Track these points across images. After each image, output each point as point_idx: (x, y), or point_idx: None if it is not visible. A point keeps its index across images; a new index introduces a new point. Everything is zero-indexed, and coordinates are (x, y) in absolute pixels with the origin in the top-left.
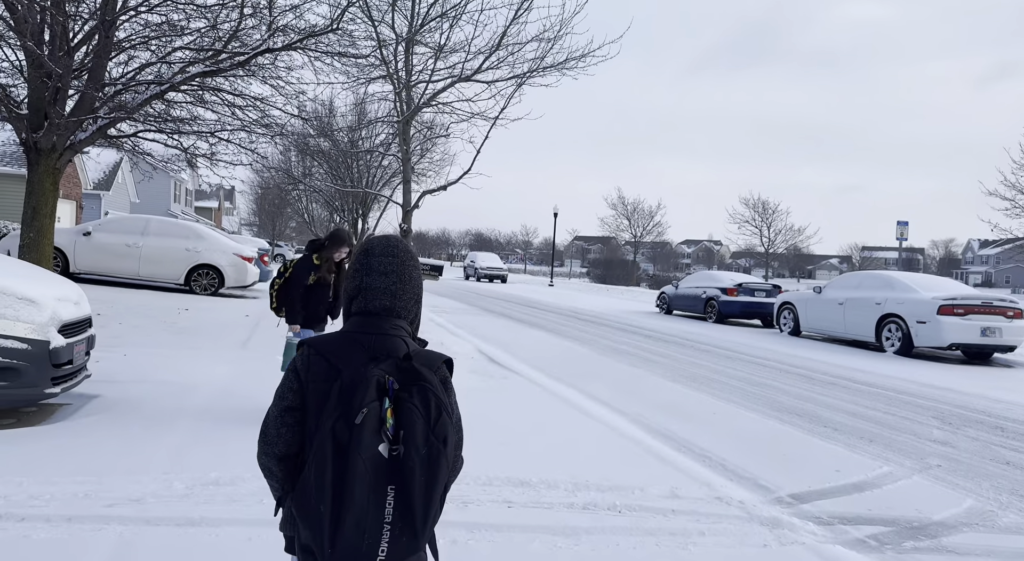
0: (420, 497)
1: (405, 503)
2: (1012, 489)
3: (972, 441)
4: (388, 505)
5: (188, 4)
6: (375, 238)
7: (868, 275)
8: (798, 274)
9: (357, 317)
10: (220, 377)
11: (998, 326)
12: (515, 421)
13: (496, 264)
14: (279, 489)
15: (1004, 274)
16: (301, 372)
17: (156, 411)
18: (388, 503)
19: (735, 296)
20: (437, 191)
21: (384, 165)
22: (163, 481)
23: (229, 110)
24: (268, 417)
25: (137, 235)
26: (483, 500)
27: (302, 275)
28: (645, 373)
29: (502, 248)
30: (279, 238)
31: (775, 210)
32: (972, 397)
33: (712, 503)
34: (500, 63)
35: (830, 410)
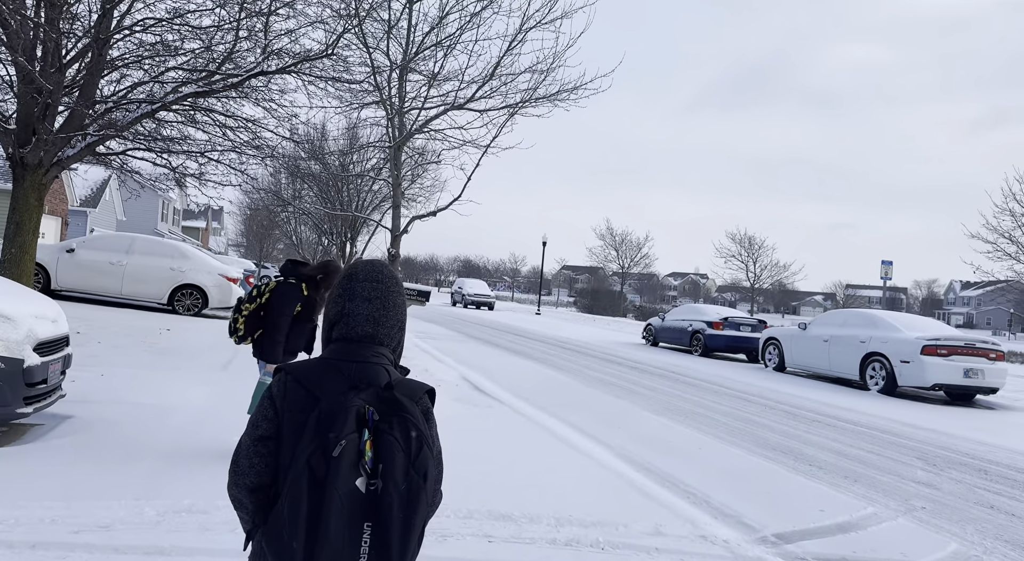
0: (398, 535)
1: (382, 541)
2: (996, 534)
3: (956, 483)
4: (364, 543)
5: (183, 25)
6: (360, 263)
7: (853, 313)
8: (783, 310)
9: (338, 344)
10: (198, 400)
11: (981, 367)
12: (497, 451)
13: (484, 291)
14: (249, 522)
15: (985, 316)
16: (277, 400)
17: (131, 434)
18: (364, 541)
19: (721, 330)
20: (427, 217)
21: (374, 189)
22: (134, 507)
23: (220, 131)
24: (240, 446)
25: (121, 253)
26: (463, 534)
27: (286, 305)
28: (630, 405)
29: (490, 275)
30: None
31: (761, 246)
32: (956, 439)
33: (696, 542)
34: (493, 93)
35: (814, 448)
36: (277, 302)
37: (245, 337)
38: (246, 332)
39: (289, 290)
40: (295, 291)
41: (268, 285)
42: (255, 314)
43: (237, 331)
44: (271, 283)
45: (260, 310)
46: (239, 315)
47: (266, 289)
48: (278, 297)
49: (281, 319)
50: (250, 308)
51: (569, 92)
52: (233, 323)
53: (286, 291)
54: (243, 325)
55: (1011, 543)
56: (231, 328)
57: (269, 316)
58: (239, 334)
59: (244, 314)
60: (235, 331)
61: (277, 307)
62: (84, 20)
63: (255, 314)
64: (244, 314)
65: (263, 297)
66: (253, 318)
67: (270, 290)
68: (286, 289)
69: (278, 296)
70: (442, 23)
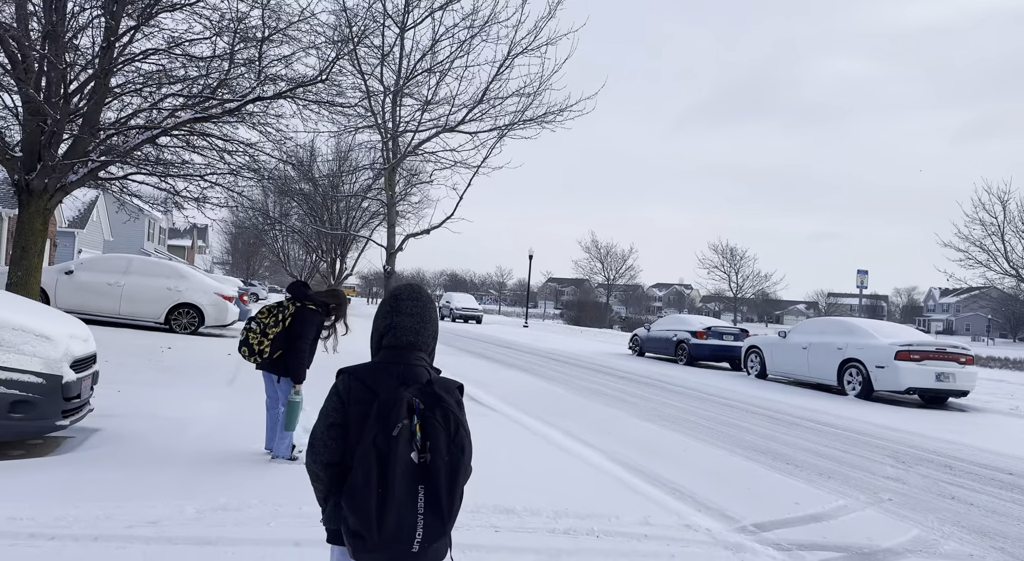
0: (445, 493)
1: (433, 498)
2: (955, 521)
3: (922, 478)
4: (420, 500)
5: (182, 54)
6: (403, 286)
7: (830, 321)
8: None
9: (387, 350)
10: (212, 413)
11: (952, 371)
12: (497, 455)
13: (471, 305)
14: (324, 490)
15: (964, 322)
16: (343, 394)
17: (157, 444)
18: (420, 499)
19: (705, 339)
20: (420, 234)
21: (364, 207)
22: (175, 506)
23: (218, 155)
24: (315, 432)
25: (119, 274)
26: (471, 525)
27: (310, 330)
28: (619, 412)
29: (477, 289)
30: (253, 277)
31: (743, 256)
32: (926, 438)
33: (681, 530)
34: (483, 115)
35: (792, 448)
36: (302, 327)
37: (268, 358)
38: (271, 353)
39: (312, 316)
40: (316, 317)
41: (288, 310)
42: (284, 339)
43: (262, 353)
44: (290, 307)
45: (291, 336)
46: (265, 338)
47: (288, 314)
48: (302, 323)
49: (306, 343)
50: (276, 331)
51: (555, 114)
52: (257, 345)
53: (310, 317)
54: (269, 347)
55: (967, 528)
56: (251, 349)
57: (293, 338)
58: (263, 355)
59: (270, 337)
60: (259, 353)
61: (302, 332)
62: (87, 52)
63: (284, 339)
64: (270, 337)
65: (286, 322)
66: (277, 341)
67: (292, 315)
68: (310, 315)
69: (302, 322)
70: (434, 50)
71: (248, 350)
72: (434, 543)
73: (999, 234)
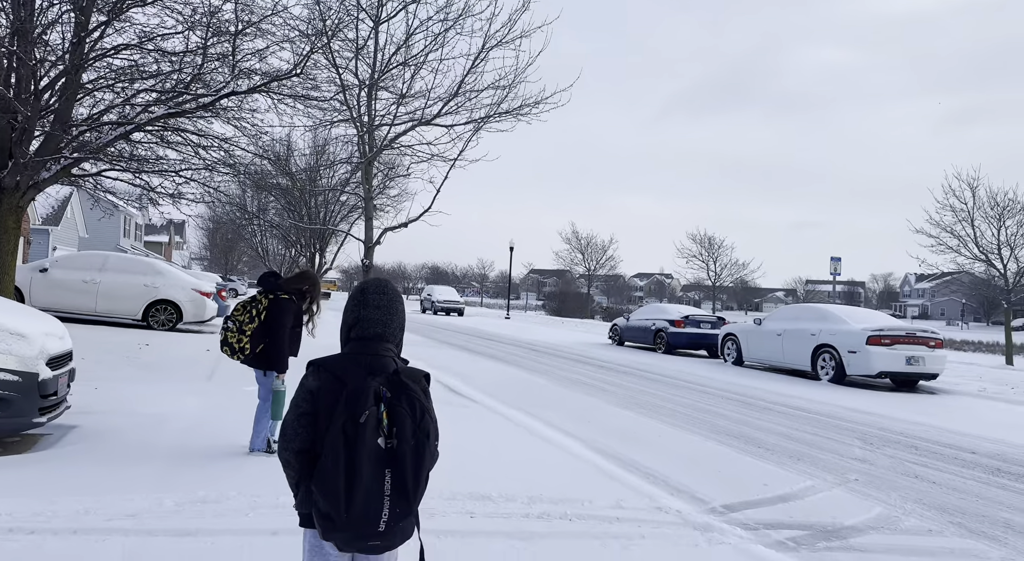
0: (411, 476)
1: (399, 481)
2: (917, 498)
3: (888, 459)
4: (387, 483)
5: (155, 50)
6: (370, 280)
7: (804, 307)
8: (745, 307)
9: (355, 342)
10: (191, 409)
11: (922, 355)
12: (475, 445)
13: (453, 297)
14: (295, 477)
15: (939, 307)
16: (312, 385)
17: (135, 440)
18: (386, 481)
19: (683, 328)
20: (398, 228)
21: (342, 201)
22: (154, 499)
23: (193, 150)
24: (286, 421)
25: (95, 271)
26: (447, 512)
27: (286, 320)
28: (598, 401)
29: (459, 281)
30: (231, 272)
31: (720, 245)
32: (893, 420)
33: (652, 512)
34: (459, 108)
35: (765, 433)
36: (279, 317)
37: (251, 354)
38: (252, 348)
39: (286, 305)
40: (291, 305)
41: (261, 304)
42: (257, 331)
43: (243, 350)
44: (263, 301)
45: (268, 328)
46: (243, 335)
47: (262, 308)
48: (279, 313)
49: (285, 332)
50: (252, 327)
51: (531, 107)
52: (236, 343)
53: (285, 306)
54: (249, 343)
55: (928, 505)
56: (232, 348)
57: (272, 330)
58: (245, 352)
59: (248, 334)
60: (240, 350)
61: (280, 322)
62: (58, 47)
63: (257, 331)
64: (248, 334)
65: (261, 315)
66: (256, 336)
67: (266, 308)
68: (285, 304)
69: (279, 312)
70: (408, 43)
71: (230, 349)
72: (400, 522)
73: (969, 220)
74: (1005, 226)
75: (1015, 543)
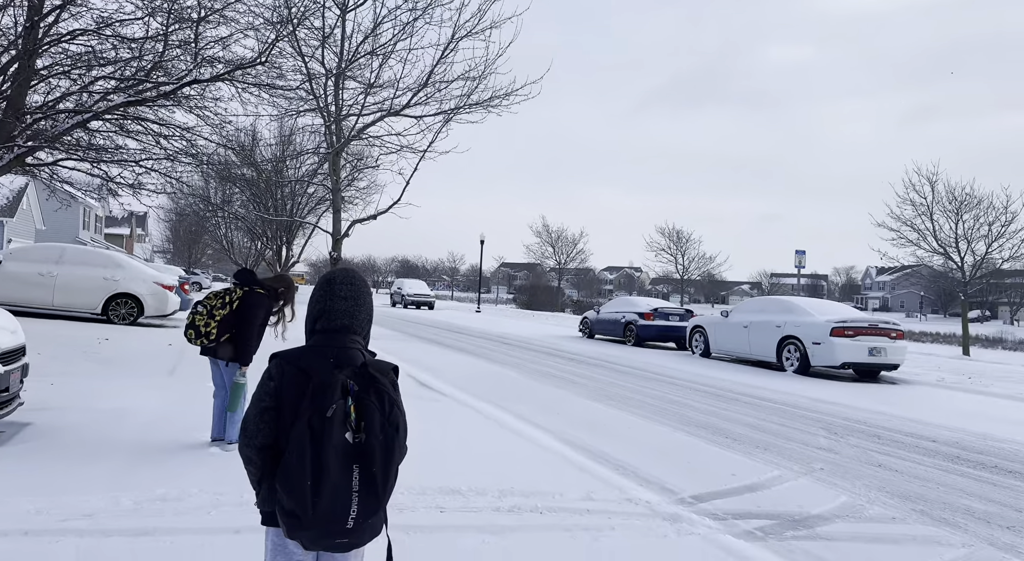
0: (380, 472)
1: (368, 477)
2: (880, 486)
3: (853, 448)
4: (355, 479)
5: (113, 35)
6: (337, 271)
7: (769, 300)
8: (712, 299)
9: (321, 334)
10: (151, 404)
11: (883, 346)
12: (445, 438)
13: (423, 291)
14: (258, 474)
15: (899, 299)
16: (276, 378)
17: (93, 436)
18: (354, 477)
19: (652, 320)
20: (367, 220)
21: (309, 193)
22: (111, 498)
23: (153, 139)
24: (248, 416)
25: (52, 264)
26: (417, 507)
27: (258, 313)
28: (568, 394)
29: (429, 275)
30: (195, 266)
31: (688, 239)
32: (857, 410)
33: (622, 504)
34: (428, 99)
35: (732, 423)
36: (251, 311)
37: (215, 340)
38: (218, 335)
39: (260, 299)
40: (264, 300)
41: (235, 294)
42: (230, 321)
43: (208, 334)
44: (237, 292)
45: (238, 319)
46: (212, 320)
47: (235, 297)
48: (251, 306)
49: (254, 326)
50: (223, 314)
51: (501, 98)
52: (203, 327)
53: (258, 301)
54: (216, 329)
55: (891, 493)
56: (197, 331)
57: (242, 323)
58: (210, 338)
59: (217, 319)
60: (205, 334)
61: (251, 315)
62: (9, 31)
63: (230, 321)
64: (217, 319)
65: (233, 304)
66: (226, 324)
67: (239, 299)
68: (258, 299)
69: (251, 305)
70: (376, 32)
71: (195, 332)
72: (369, 519)
73: (928, 214)
74: (963, 220)
75: (976, 529)
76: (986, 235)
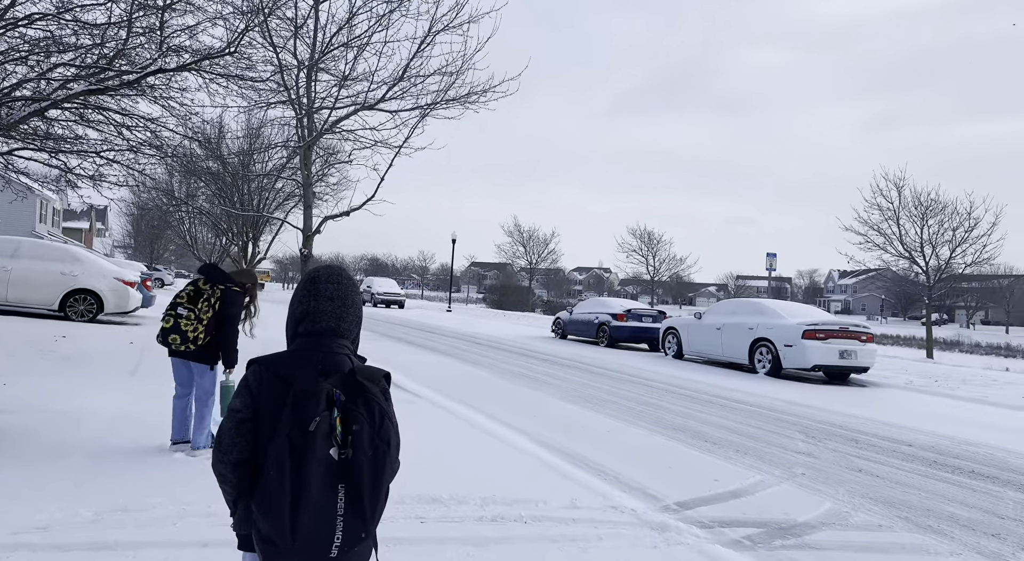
0: (368, 492)
1: (355, 497)
2: (863, 493)
3: (831, 452)
4: (340, 500)
5: (73, 21)
6: (321, 268)
7: (742, 302)
8: (680, 301)
9: (304, 338)
10: (112, 405)
11: (854, 349)
12: (422, 443)
13: (394, 289)
14: (233, 493)
15: (860, 302)
16: (253, 387)
17: (49, 440)
18: (339, 499)
19: (625, 322)
20: (340, 217)
21: (278, 188)
22: (68, 509)
23: (116, 130)
24: (222, 429)
25: (6, 257)
26: (396, 517)
27: (239, 312)
28: (543, 395)
29: (399, 273)
30: (157, 261)
31: (659, 240)
32: (831, 413)
33: (608, 511)
34: (404, 93)
35: (709, 426)
36: (232, 310)
37: (201, 345)
38: (205, 338)
39: (238, 298)
40: (240, 298)
41: (215, 294)
42: (211, 322)
43: (195, 340)
44: (215, 291)
45: (221, 320)
46: (200, 324)
47: (216, 298)
48: (232, 304)
49: (236, 325)
50: (208, 317)
51: (479, 95)
52: (192, 332)
53: (235, 299)
54: (203, 333)
55: (875, 500)
56: (184, 336)
57: (225, 323)
58: (197, 344)
59: (205, 323)
60: (192, 340)
61: (233, 314)
62: None
63: (211, 322)
64: (205, 323)
65: (215, 306)
66: (209, 326)
67: (219, 299)
68: (235, 297)
69: (231, 303)
70: (350, 24)
71: (181, 338)
72: (355, 546)
73: (895, 219)
74: (928, 225)
75: (962, 537)
76: (950, 240)
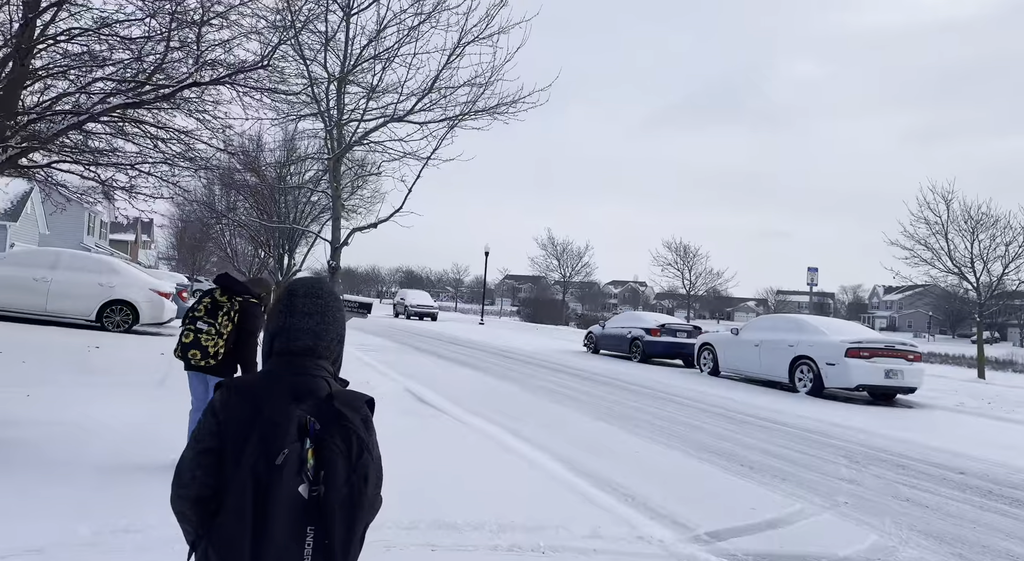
0: (340, 536)
1: (324, 542)
2: (911, 525)
3: (877, 479)
4: (307, 545)
5: (112, 35)
6: (299, 280)
7: (781, 318)
8: (718, 316)
9: (279, 357)
10: (131, 418)
11: (900, 368)
12: (442, 461)
13: (427, 302)
14: (193, 533)
15: (907, 319)
16: (219, 413)
17: (59, 455)
18: (307, 544)
19: (658, 336)
20: (367, 228)
21: (313, 201)
22: (67, 528)
23: (151, 142)
24: (183, 460)
25: (46, 269)
26: (406, 544)
27: (260, 325)
28: (571, 412)
29: (433, 286)
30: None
31: (695, 254)
32: (876, 436)
33: (633, 542)
34: (433, 105)
35: (746, 449)
36: (252, 323)
37: (221, 361)
38: (226, 353)
39: (257, 310)
40: (260, 310)
41: (235, 307)
42: (231, 336)
43: (216, 356)
44: (235, 304)
45: (245, 335)
46: (220, 339)
47: (236, 311)
48: (252, 318)
49: (255, 340)
50: (229, 331)
51: (508, 105)
52: (212, 347)
53: (256, 311)
54: (223, 349)
55: (925, 533)
56: (204, 352)
57: (245, 337)
58: (217, 358)
59: (225, 338)
60: (213, 355)
61: (253, 327)
62: (3, 29)
63: (231, 336)
64: (225, 338)
65: (235, 320)
66: (230, 341)
67: (238, 312)
68: (255, 309)
69: (252, 317)
70: (380, 36)
71: (201, 353)
72: None
73: (943, 233)
74: (979, 240)
75: None
76: (1003, 255)
